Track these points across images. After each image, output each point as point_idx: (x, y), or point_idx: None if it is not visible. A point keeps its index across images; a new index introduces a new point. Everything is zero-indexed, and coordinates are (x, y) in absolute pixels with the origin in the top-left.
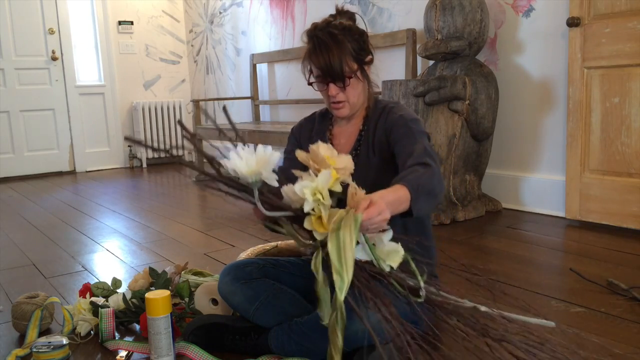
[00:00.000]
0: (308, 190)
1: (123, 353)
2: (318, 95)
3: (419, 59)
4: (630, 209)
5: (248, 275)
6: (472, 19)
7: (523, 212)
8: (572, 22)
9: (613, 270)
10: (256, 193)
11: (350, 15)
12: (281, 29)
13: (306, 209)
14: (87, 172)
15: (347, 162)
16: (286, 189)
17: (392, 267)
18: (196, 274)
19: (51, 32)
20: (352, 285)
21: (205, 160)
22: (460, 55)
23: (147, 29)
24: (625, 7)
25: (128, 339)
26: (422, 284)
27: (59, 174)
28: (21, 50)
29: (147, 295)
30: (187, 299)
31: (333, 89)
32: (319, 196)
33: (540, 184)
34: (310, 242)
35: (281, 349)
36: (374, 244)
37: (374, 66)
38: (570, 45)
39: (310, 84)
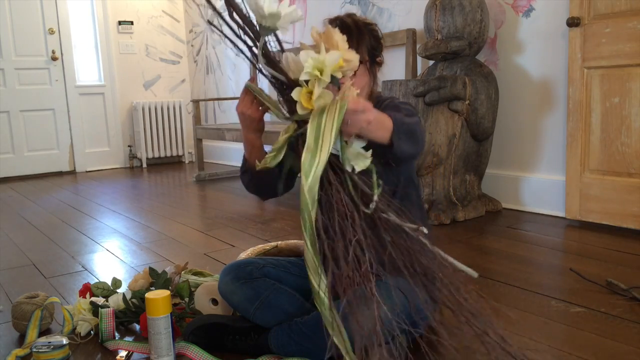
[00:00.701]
0: (311, 61)
1: (123, 353)
2: None
3: (419, 59)
4: (630, 209)
5: (248, 274)
6: (472, 19)
7: (523, 212)
8: (572, 22)
9: (613, 270)
10: (262, 41)
11: (375, 24)
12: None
13: (302, 77)
14: (87, 172)
15: (354, 58)
16: (289, 55)
17: (354, 169)
18: (196, 274)
19: (51, 32)
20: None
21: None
22: (460, 55)
23: (147, 29)
24: (625, 7)
25: (128, 339)
26: (375, 196)
27: (59, 174)
28: (21, 50)
29: (147, 295)
30: (187, 299)
31: None
32: (318, 72)
33: (540, 184)
34: (287, 114)
35: (281, 349)
36: (346, 142)
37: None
38: (570, 45)
39: None
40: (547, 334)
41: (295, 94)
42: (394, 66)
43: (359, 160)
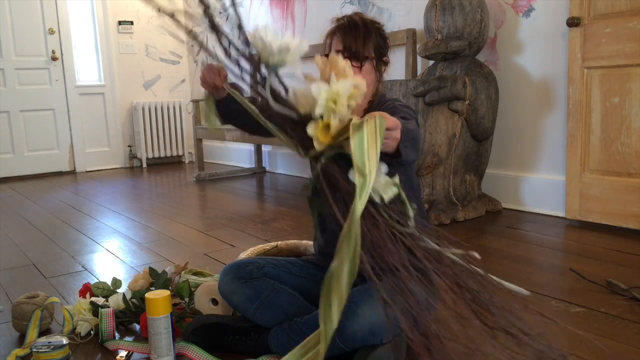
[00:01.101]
0: (324, 93)
1: (123, 353)
2: None
3: (419, 59)
4: (630, 209)
5: (249, 274)
6: (472, 19)
7: (523, 212)
8: (572, 22)
9: (613, 270)
10: (269, 80)
11: (382, 25)
12: (281, 29)
13: (317, 111)
14: (87, 172)
15: (362, 83)
16: (297, 90)
17: (382, 199)
18: (196, 274)
19: (51, 32)
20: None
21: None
22: (460, 55)
23: (147, 29)
24: (625, 7)
25: (128, 339)
26: (411, 213)
27: (59, 174)
28: (21, 50)
29: (147, 295)
30: (187, 299)
31: None
32: (333, 103)
33: (540, 184)
34: (301, 150)
35: (281, 348)
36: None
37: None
38: (570, 45)
39: (325, 55)
40: (547, 334)
41: (310, 129)
42: (394, 66)
43: (387, 189)
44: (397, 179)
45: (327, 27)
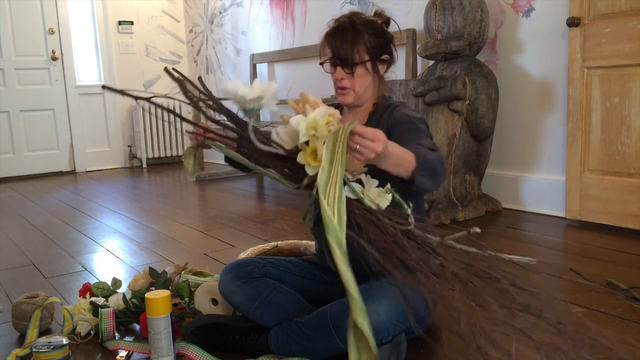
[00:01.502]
0: (304, 123)
1: (123, 353)
2: (318, 95)
3: (419, 59)
4: (630, 209)
5: (249, 274)
6: (472, 19)
7: (523, 212)
8: (572, 22)
9: (613, 270)
10: (251, 123)
11: (385, 20)
12: (281, 29)
13: (302, 139)
14: (87, 172)
15: (334, 111)
16: (277, 129)
17: (379, 207)
18: (196, 274)
19: (51, 32)
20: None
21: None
22: (460, 55)
23: (147, 29)
24: (625, 7)
25: (128, 339)
26: (409, 211)
27: (59, 174)
28: (21, 50)
29: (147, 295)
30: (187, 299)
31: (339, 72)
32: (314, 131)
33: (540, 184)
34: (295, 183)
35: (281, 348)
36: (360, 182)
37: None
38: (570, 45)
39: (321, 63)
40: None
41: (300, 158)
42: (394, 66)
43: (382, 198)
44: (388, 185)
45: (327, 27)
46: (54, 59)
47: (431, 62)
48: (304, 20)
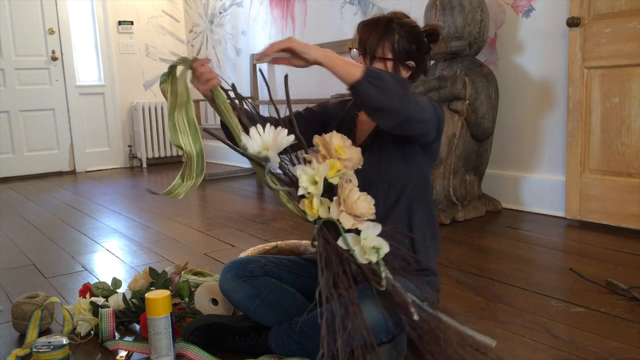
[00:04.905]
0: (305, 176)
1: (123, 353)
2: (319, 95)
3: None
4: (630, 209)
5: (249, 273)
6: (472, 19)
7: (523, 212)
8: (572, 22)
9: (613, 270)
10: (267, 167)
11: (432, 33)
12: (281, 29)
13: (299, 192)
14: (87, 172)
15: (354, 155)
16: (299, 168)
17: (369, 260)
18: (196, 274)
19: (51, 32)
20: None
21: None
22: (460, 55)
23: (147, 29)
24: (625, 7)
25: (128, 339)
26: (383, 274)
27: (59, 174)
28: (21, 50)
29: (147, 295)
30: (187, 299)
31: (360, 61)
32: (313, 184)
33: (540, 184)
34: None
35: (281, 348)
36: (358, 232)
37: None
38: (570, 45)
39: (349, 49)
40: (547, 334)
41: (301, 205)
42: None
43: (373, 253)
44: (384, 245)
45: (327, 27)
46: (54, 59)
47: (431, 62)
48: (304, 20)
